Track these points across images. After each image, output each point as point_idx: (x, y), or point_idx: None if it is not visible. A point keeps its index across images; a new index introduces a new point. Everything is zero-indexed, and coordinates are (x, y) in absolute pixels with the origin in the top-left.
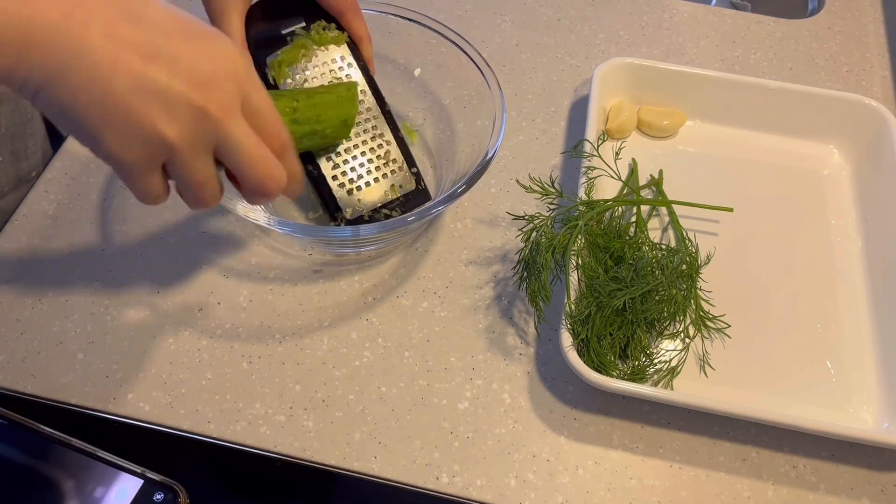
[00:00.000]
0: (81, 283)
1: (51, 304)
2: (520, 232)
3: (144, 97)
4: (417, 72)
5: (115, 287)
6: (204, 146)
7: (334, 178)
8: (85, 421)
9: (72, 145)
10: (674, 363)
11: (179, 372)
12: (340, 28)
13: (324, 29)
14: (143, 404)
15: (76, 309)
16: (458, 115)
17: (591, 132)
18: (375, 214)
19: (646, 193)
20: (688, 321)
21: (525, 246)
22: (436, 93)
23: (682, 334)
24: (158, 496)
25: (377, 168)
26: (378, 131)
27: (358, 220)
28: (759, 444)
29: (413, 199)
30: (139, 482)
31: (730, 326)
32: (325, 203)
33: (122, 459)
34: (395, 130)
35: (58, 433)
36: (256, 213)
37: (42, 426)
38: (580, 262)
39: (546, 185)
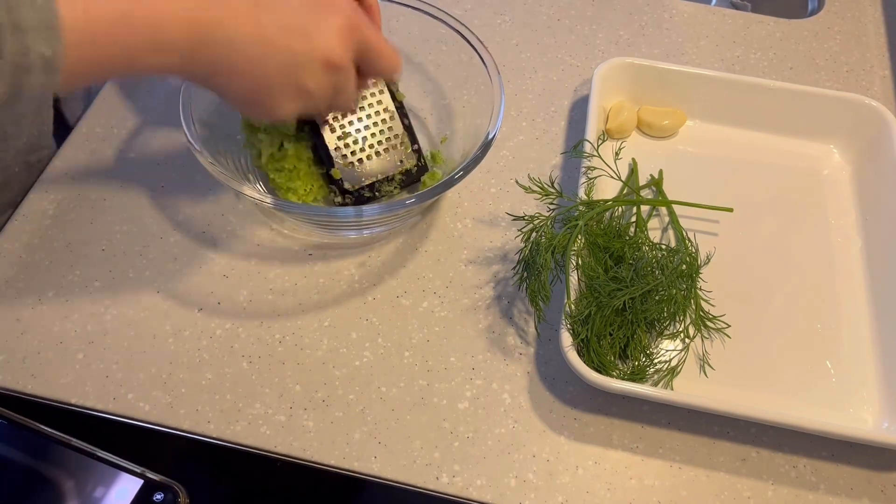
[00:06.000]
0: (81, 283)
1: (51, 304)
2: (520, 232)
3: (292, 69)
4: (418, 60)
5: (115, 287)
6: (336, 88)
7: (336, 149)
8: (85, 421)
9: (71, 147)
10: (674, 363)
11: (179, 372)
12: None
13: None
14: (143, 404)
15: (76, 309)
16: (458, 103)
17: (591, 132)
18: (377, 185)
19: (646, 193)
20: (688, 321)
21: (525, 246)
22: (436, 80)
23: (682, 334)
24: (158, 496)
25: (379, 142)
26: (382, 106)
27: (359, 196)
28: (759, 444)
29: (414, 175)
30: (139, 482)
31: (730, 326)
32: (320, 157)
33: (122, 459)
34: (399, 108)
35: (58, 433)
36: (264, 196)
37: (42, 426)
38: (580, 262)
39: (546, 186)
